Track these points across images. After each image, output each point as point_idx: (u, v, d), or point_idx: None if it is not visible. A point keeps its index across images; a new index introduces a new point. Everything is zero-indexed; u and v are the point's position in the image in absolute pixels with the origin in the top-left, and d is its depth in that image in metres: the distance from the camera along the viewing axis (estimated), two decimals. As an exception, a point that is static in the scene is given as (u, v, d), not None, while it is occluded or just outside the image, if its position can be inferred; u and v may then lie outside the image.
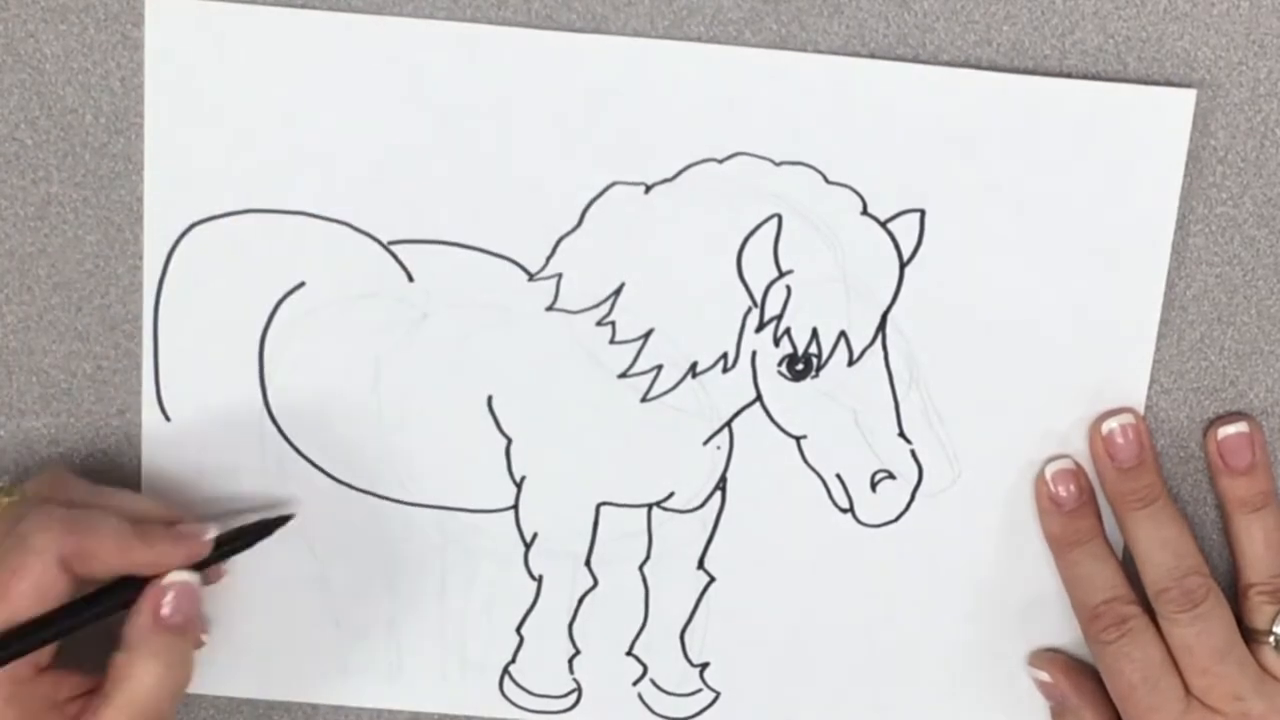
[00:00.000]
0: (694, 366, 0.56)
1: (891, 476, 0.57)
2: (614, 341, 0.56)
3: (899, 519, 0.58)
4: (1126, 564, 0.57)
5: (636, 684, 0.60)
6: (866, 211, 0.55)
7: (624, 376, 0.57)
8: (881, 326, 0.56)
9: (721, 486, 0.58)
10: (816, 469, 0.57)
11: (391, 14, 0.54)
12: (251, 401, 0.57)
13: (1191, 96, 0.54)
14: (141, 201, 0.56)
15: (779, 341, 0.56)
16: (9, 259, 0.56)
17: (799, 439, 0.57)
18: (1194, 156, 0.55)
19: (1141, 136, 0.54)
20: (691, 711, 0.60)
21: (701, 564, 0.58)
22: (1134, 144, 0.54)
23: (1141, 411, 0.57)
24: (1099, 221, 0.55)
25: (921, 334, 0.56)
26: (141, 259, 0.56)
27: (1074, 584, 0.57)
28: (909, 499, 0.57)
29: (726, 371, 0.56)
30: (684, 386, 0.57)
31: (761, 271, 0.55)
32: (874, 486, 0.57)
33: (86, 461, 0.58)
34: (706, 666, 0.59)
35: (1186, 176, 0.55)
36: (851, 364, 0.56)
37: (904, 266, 0.56)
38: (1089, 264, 0.56)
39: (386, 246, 0.56)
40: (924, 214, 0.55)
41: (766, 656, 0.59)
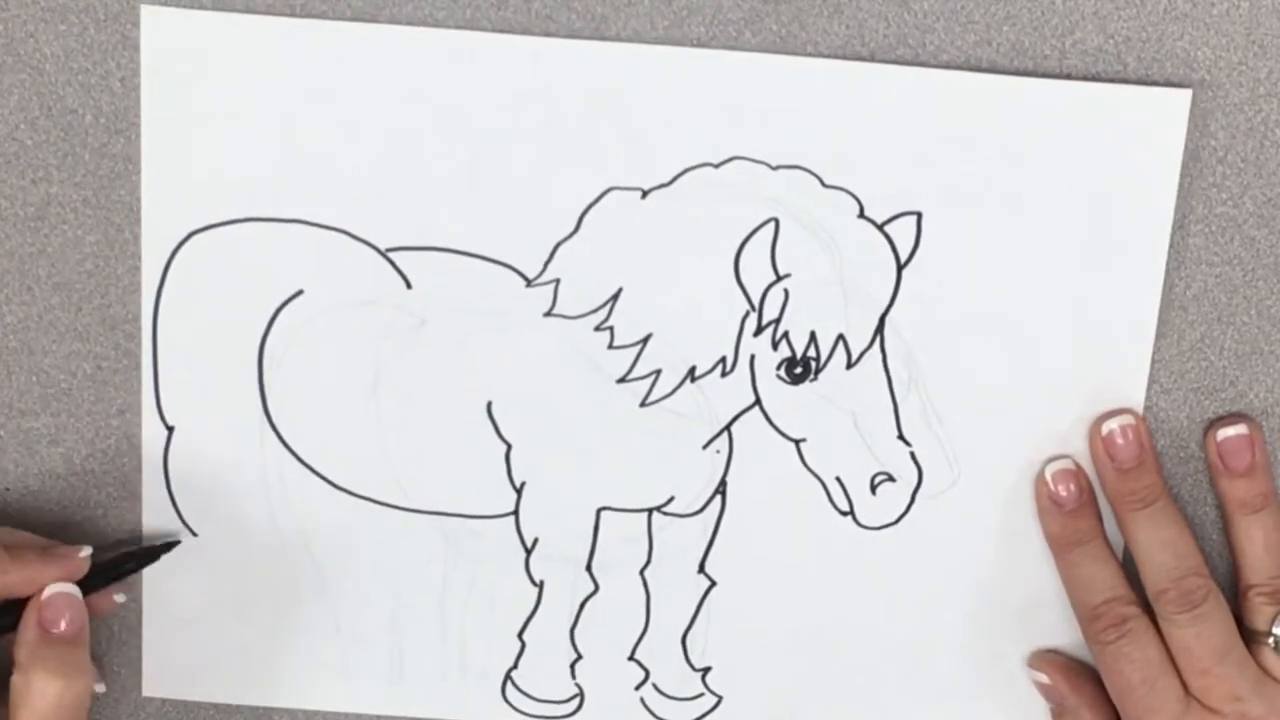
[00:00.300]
0: (693, 371, 0.56)
1: (891, 479, 0.57)
2: (612, 346, 0.56)
3: (899, 521, 0.58)
4: (1126, 564, 0.57)
5: (639, 689, 0.60)
6: (863, 214, 0.55)
7: (623, 381, 0.57)
8: (880, 329, 0.56)
9: (721, 490, 0.58)
10: (816, 472, 0.57)
11: (388, 20, 0.54)
12: (251, 409, 0.57)
13: (1187, 96, 0.54)
14: (141, 201, 0.56)
15: (777, 345, 0.56)
16: (9, 259, 0.57)
17: (798, 442, 0.57)
18: (1193, 156, 0.55)
19: (1138, 137, 0.54)
20: (693, 716, 0.60)
21: (702, 568, 0.59)
22: (1130, 144, 0.54)
23: (1141, 412, 0.56)
24: (1096, 222, 0.55)
25: (920, 336, 0.56)
26: (141, 259, 0.56)
27: (1074, 584, 0.57)
28: (909, 501, 0.57)
29: (725, 375, 0.56)
30: (683, 391, 0.57)
31: (759, 275, 0.55)
32: (874, 489, 0.57)
33: (86, 462, 0.58)
34: (708, 671, 0.60)
35: (1186, 176, 0.55)
36: (850, 367, 0.56)
37: (901, 269, 0.55)
38: (1086, 264, 0.55)
39: (384, 254, 0.56)
40: (921, 216, 0.55)
41: (768, 660, 0.59)
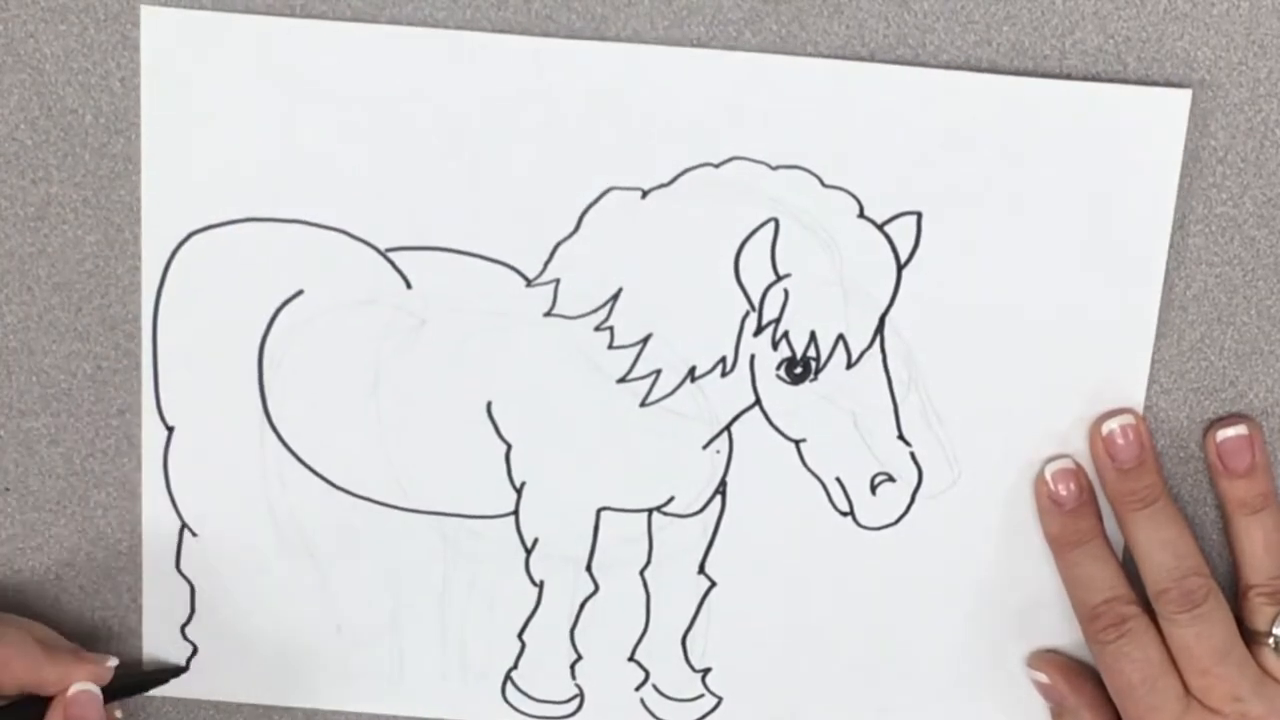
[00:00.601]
0: (693, 371, 0.56)
1: (891, 479, 0.57)
2: (612, 346, 0.56)
3: (899, 521, 0.58)
4: (1126, 564, 0.57)
5: (639, 689, 0.60)
6: (863, 214, 0.55)
7: (623, 381, 0.57)
8: (880, 329, 0.56)
9: (721, 490, 0.58)
10: (816, 472, 0.57)
11: (388, 20, 0.54)
12: (251, 410, 0.57)
13: (1187, 96, 0.54)
14: (141, 201, 0.56)
15: (777, 345, 0.56)
16: (9, 259, 0.57)
17: (798, 442, 0.57)
18: (1193, 156, 0.55)
19: (1137, 137, 0.54)
20: (694, 717, 0.60)
21: (702, 568, 0.59)
22: (1130, 144, 0.54)
23: (1141, 412, 0.56)
24: (1096, 222, 0.55)
25: (920, 336, 0.56)
26: (141, 259, 0.56)
27: (1074, 584, 0.57)
28: (909, 501, 0.57)
29: (725, 375, 0.56)
30: (683, 391, 0.57)
31: (759, 275, 0.55)
32: (874, 489, 0.57)
33: (86, 462, 0.58)
34: (708, 671, 0.60)
35: (1186, 176, 0.55)
36: (850, 367, 0.56)
37: (901, 269, 0.55)
38: (1086, 264, 0.55)
39: (384, 254, 0.56)
40: (921, 216, 0.55)
41: (768, 660, 0.59)
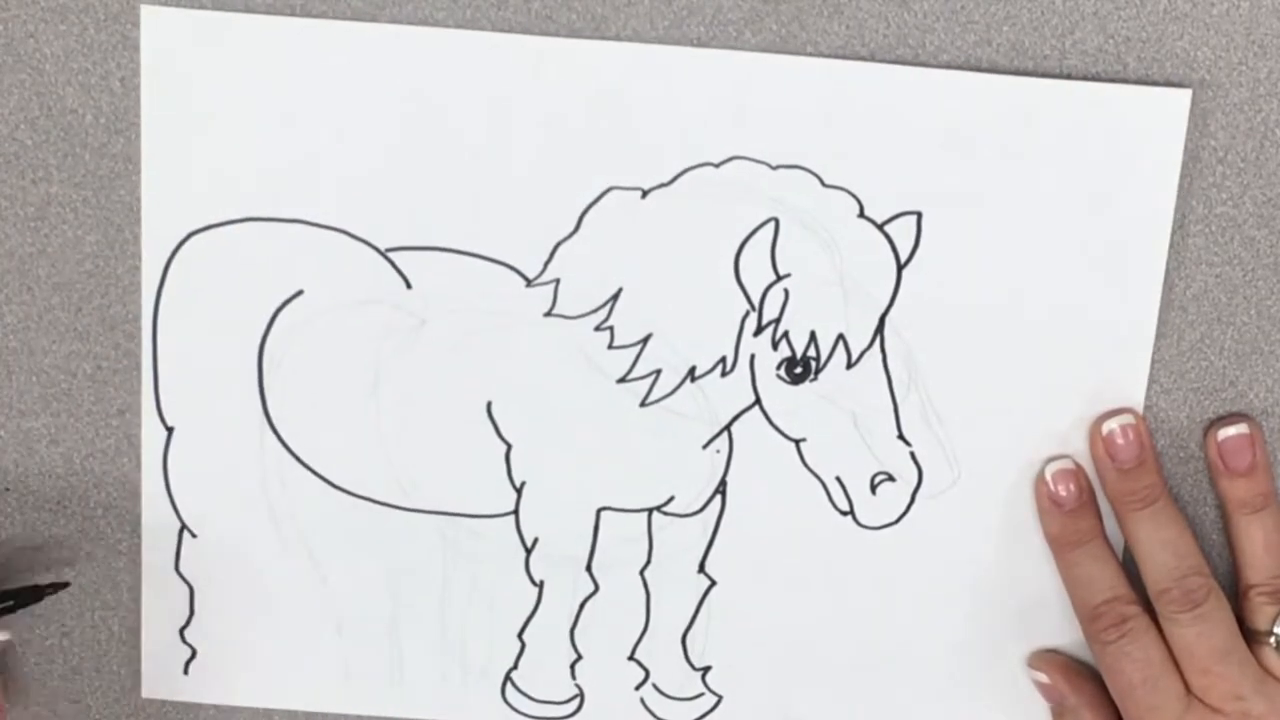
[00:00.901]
0: (693, 370, 0.56)
1: (891, 478, 0.57)
2: (612, 346, 0.56)
3: (899, 521, 0.58)
4: (1127, 564, 0.57)
5: (639, 689, 0.60)
6: (863, 214, 0.55)
7: (623, 381, 0.57)
8: (880, 329, 0.56)
9: (721, 490, 0.58)
10: (816, 472, 0.57)
11: (388, 19, 0.54)
12: (251, 410, 0.57)
13: (1187, 96, 0.54)
14: (141, 201, 0.56)
15: (777, 345, 0.56)
16: (9, 259, 0.57)
17: (798, 442, 0.57)
18: (1193, 156, 0.55)
19: (1137, 137, 0.54)
20: (694, 716, 0.60)
21: (702, 568, 0.59)
22: (1130, 144, 0.54)
23: (1141, 411, 0.56)
24: (1096, 222, 0.55)
25: (920, 336, 0.56)
26: (141, 259, 0.56)
27: (1074, 584, 0.57)
28: (909, 501, 0.57)
29: (725, 375, 0.56)
30: (683, 390, 0.57)
31: (759, 275, 0.55)
32: (874, 489, 0.57)
33: (87, 462, 0.58)
34: (708, 670, 0.60)
35: (1186, 176, 0.55)
36: (850, 366, 0.56)
37: (901, 269, 0.55)
38: (1086, 264, 0.55)
39: (384, 254, 0.56)
40: (921, 216, 0.55)
41: (768, 660, 0.59)
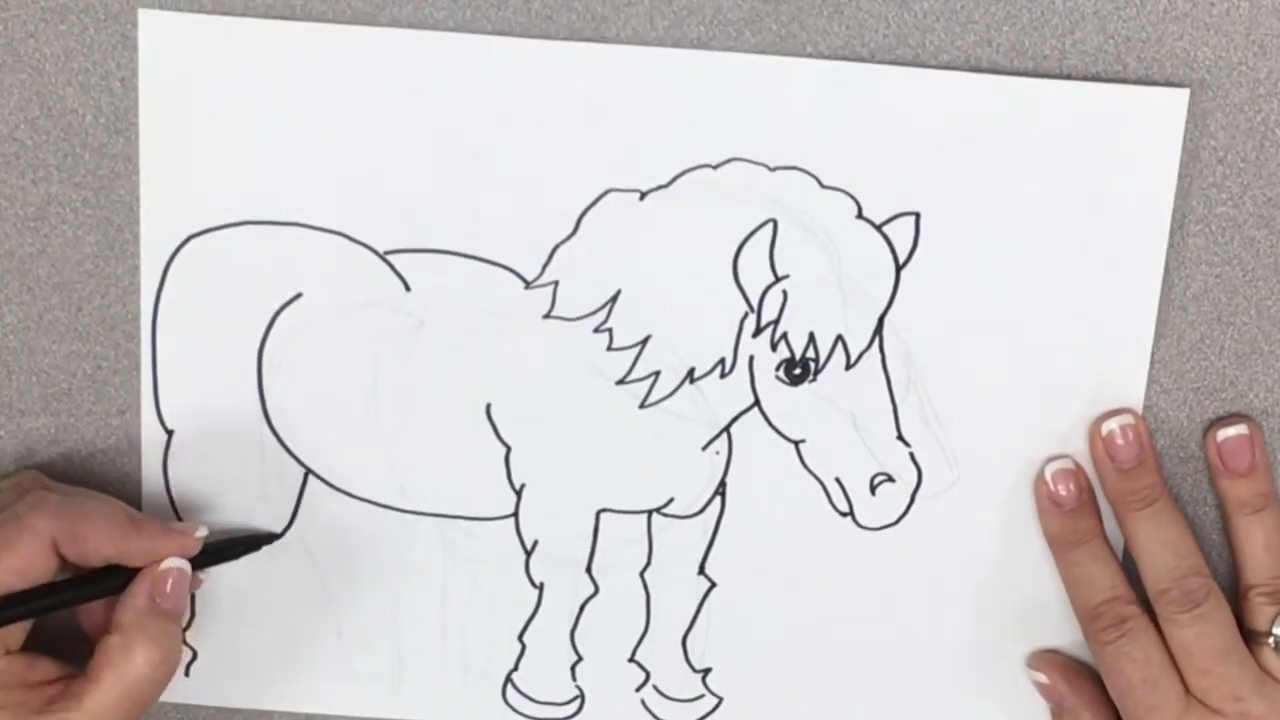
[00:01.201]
0: (692, 372, 0.56)
1: (891, 479, 0.57)
2: (611, 348, 0.56)
3: (899, 522, 0.58)
4: (1127, 564, 0.57)
5: (639, 690, 0.60)
6: (862, 215, 0.55)
7: (622, 383, 0.57)
8: (878, 330, 0.56)
9: (721, 491, 0.58)
10: (815, 473, 0.57)
11: (387, 22, 0.54)
12: (251, 413, 0.57)
13: (1185, 96, 0.54)
14: (140, 205, 0.56)
15: (776, 346, 0.56)
16: (9, 259, 0.57)
17: (798, 443, 0.57)
18: (1193, 156, 0.55)
19: (1135, 136, 0.54)
20: (694, 717, 0.60)
21: (702, 569, 0.59)
22: (1128, 144, 0.54)
23: (1140, 412, 0.56)
24: (1094, 222, 0.55)
25: (919, 336, 0.56)
26: (141, 260, 0.56)
27: (1074, 584, 0.57)
28: (908, 501, 0.57)
29: (724, 376, 0.56)
30: (682, 392, 0.57)
31: (758, 276, 0.55)
32: (873, 489, 0.57)
33: (87, 462, 0.58)
34: (709, 672, 0.60)
35: (1186, 176, 0.55)
36: (849, 367, 0.56)
37: (900, 269, 0.55)
38: (1085, 264, 0.55)
39: (383, 256, 0.56)
40: (919, 217, 0.55)
41: (768, 661, 0.59)
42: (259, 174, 0.55)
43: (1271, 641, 0.55)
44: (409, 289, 0.56)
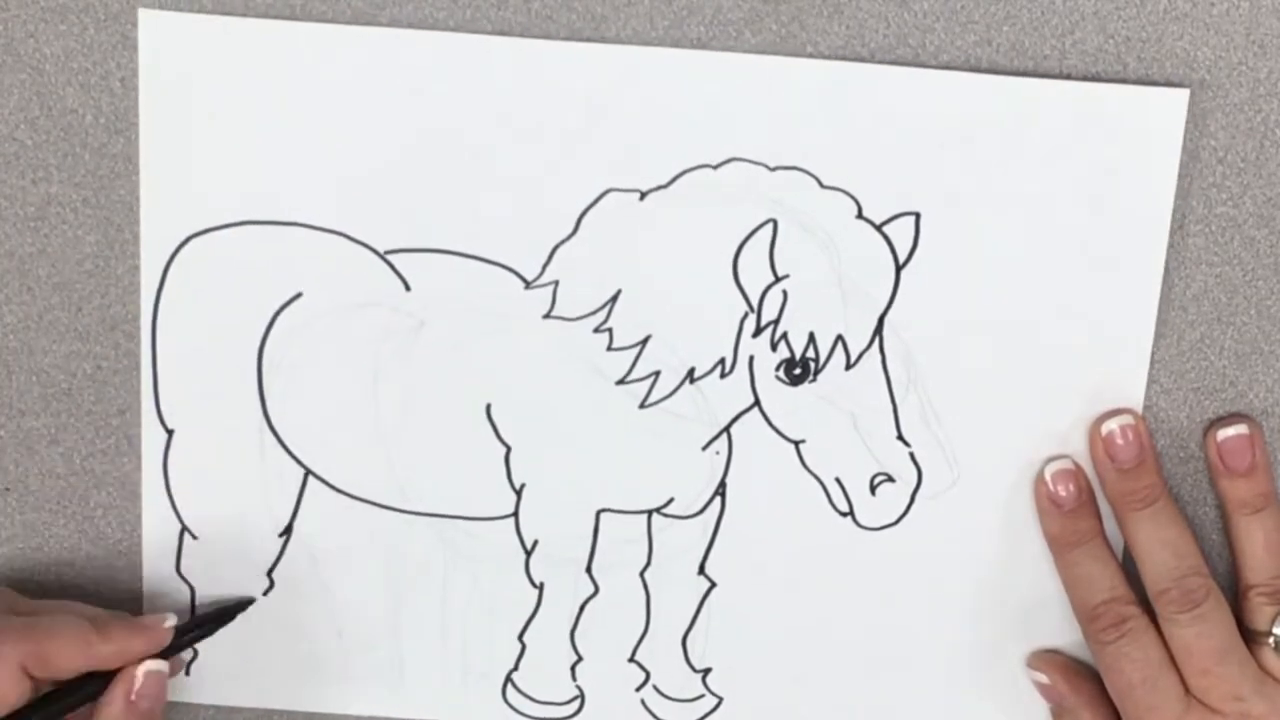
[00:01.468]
0: (692, 372, 0.56)
1: (891, 479, 0.57)
2: (611, 348, 0.56)
3: (899, 522, 0.58)
4: (1126, 564, 0.57)
5: (639, 690, 0.60)
6: (862, 215, 0.55)
7: (622, 383, 0.57)
8: (879, 330, 0.56)
9: (721, 491, 0.58)
10: (815, 473, 0.57)
11: (387, 22, 0.54)
12: (251, 413, 0.57)
13: (1185, 96, 0.54)
14: (140, 205, 0.56)
15: (776, 346, 0.56)
16: (9, 259, 0.57)
17: (798, 443, 0.57)
18: (1193, 156, 0.55)
19: (1135, 136, 0.54)
20: (694, 717, 0.60)
21: (702, 569, 0.59)
22: (1128, 144, 0.54)
23: (1140, 412, 0.56)
24: (1094, 221, 0.55)
25: (919, 337, 0.56)
26: (141, 260, 0.56)
27: (1074, 584, 0.57)
28: (909, 501, 0.57)
29: (724, 377, 0.56)
30: (682, 392, 0.57)
31: (758, 276, 0.55)
32: (873, 489, 0.57)
33: (86, 462, 0.58)
34: (709, 672, 0.60)
35: (1186, 176, 0.55)
36: (849, 367, 0.56)
37: (900, 269, 0.55)
38: (1085, 264, 0.55)
39: (383, 256, 0.56)
40: (919, 217, 0.55)
41: (768, 661, 0.59)
42: (259, 174, 0.55)
43: (1271, 641, 0.55)
44: (409, 289, 0.56)
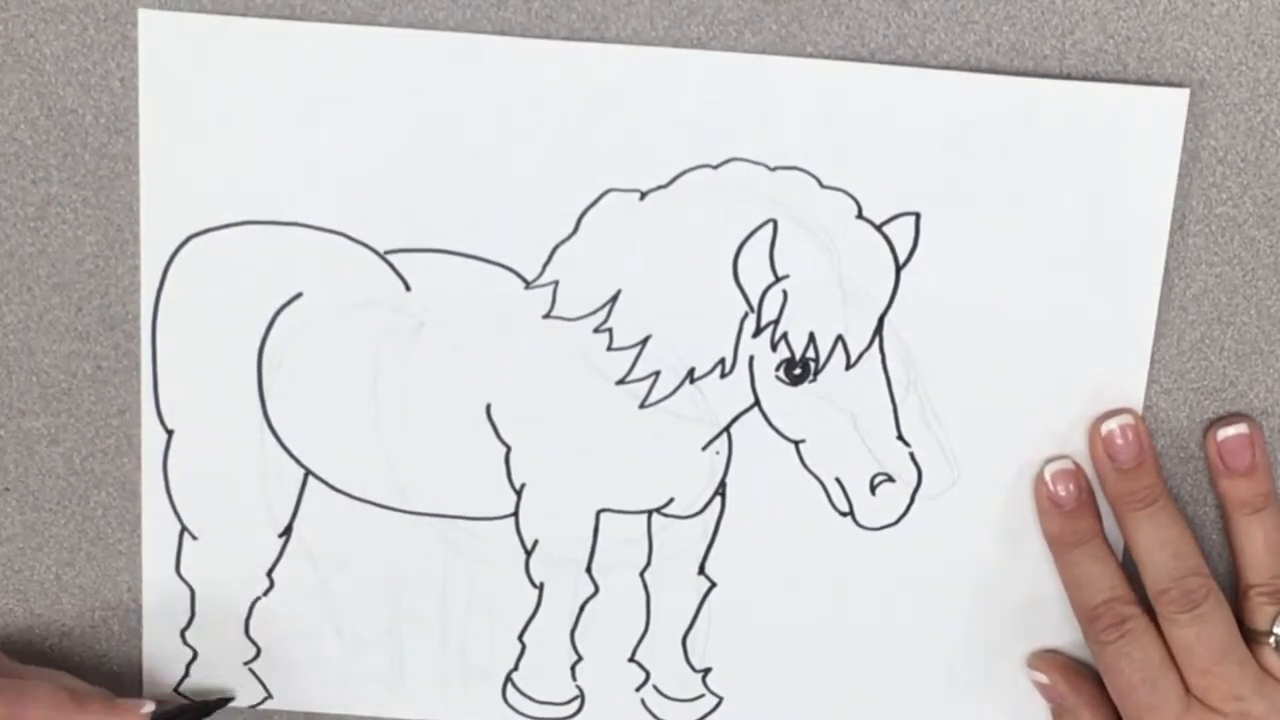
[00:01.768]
0: (692, 372, 0.56)
1: (891, 479, 0.57)
2: (611, 348, 0.56)
3: (899, 522, 0.58)
4: (1126, 564, 0.57)
5: (639, 690, 0.60)
6: (862, 215, 0.55)
7: (622, 383, 0.57)
8: (879, 330, 0.56)
9: (721, 491, 0.58)
10: (815, 473, 0.57)
11: (387, 22, 0.54)
12: (250, 413, 0.57)
13: (1185, 96, 0.54)
14: (140, 205, 0.56)
15: (776, 346, 0.56)
16: (9, 259, 0.57)
17: (798, 443, 0.57)
18: (1193, 156, 0.55)
19: (1135, 136, 0.54)
20: (694, 717, 0.60)
21: (702, 569, 0.59)
22: (1128, 144, 0.54)
23: (1140, 412, 0.56)
24: (1094, 221, 0.55)
25: (919, 337, 0.56)
26: (140, 260, 0.56)
27: (1073, 584, 0.57)
28: (908, 502, 0.57)
29: (724, 377, 0.56)
30: (682, 392, 0.57)
31: (758, 276, 0.55)
32: (873, 490, 0.57)
33: (86, 462, 0.58)
34: (709, 672, 0.60)
35: (1186, 176, 0.55)
36: (849, 368, 0.56)
37: (900, 270, 0.55)
38: (1085, 264, 0.55)
39: (383, 256, 0.56)
40: (919, 216, 0.55)
41: (768, 661, 0.59)
42: (259, 174, 0.55)
43: (1272, 641, 0.55)
44: (409, 288, 0.56)
